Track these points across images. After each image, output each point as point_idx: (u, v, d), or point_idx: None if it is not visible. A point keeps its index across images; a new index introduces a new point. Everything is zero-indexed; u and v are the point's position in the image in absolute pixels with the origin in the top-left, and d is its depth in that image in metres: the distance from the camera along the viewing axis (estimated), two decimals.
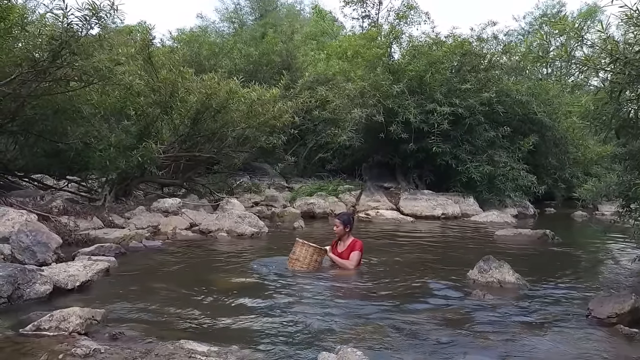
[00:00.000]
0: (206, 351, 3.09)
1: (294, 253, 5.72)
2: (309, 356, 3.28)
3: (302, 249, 5.69)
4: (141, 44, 9.88)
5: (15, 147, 10.06)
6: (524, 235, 9.24)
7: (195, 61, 14.62)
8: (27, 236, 5.46)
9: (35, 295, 4.19)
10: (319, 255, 5.76)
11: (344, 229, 5.88)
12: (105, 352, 3.03)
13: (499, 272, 5.45)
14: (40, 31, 7.34)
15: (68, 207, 8.15)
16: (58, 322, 3.37)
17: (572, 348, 3.62)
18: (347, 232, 5.95)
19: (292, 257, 5.72)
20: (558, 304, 4.76)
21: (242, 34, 24.32)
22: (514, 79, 15.13)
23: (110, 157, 8.39)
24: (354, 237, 6.00)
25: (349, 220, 5.99)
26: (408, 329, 3.89)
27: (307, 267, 5.66)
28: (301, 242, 5.73)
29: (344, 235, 5.95)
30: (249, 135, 11.41)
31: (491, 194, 13.51)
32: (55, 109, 8.50)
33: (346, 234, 5.95)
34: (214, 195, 11.36)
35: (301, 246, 5.70)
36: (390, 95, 13.20)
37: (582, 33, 5.00)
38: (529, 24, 27.94)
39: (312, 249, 5.69)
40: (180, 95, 9.70)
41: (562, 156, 15.35)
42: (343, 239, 5.96)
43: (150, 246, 7.08)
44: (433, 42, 14.45)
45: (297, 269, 5.65)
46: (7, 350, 3.07)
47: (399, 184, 14.76)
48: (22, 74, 7.28)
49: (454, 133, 13.23)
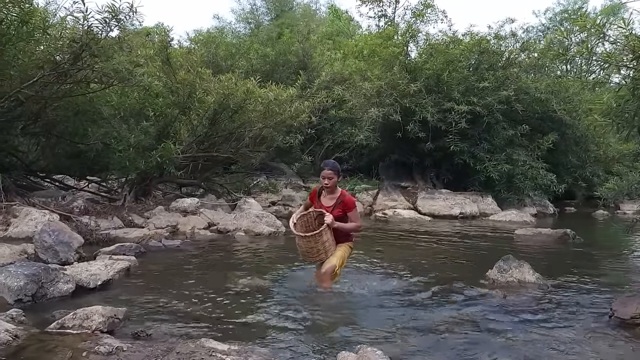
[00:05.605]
0: (227, 350, 3.11)
1: (300, 246, 4.75)
2: (329, 355, 3.28)
3: (303, 241, 4.66)
4: (160, 46, 9.99)
5: (37, 148, 10.23)
6: (544, 234, 9.13)
7: (213, 62, 14.72)
8: (50, 236, 5.56)
9: (59, 293, 4.27)
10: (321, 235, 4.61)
11: (337, 179, 4.84)
12: (127, 350, 3.06)
13: (519, 272, 5.40)
14: (61, 34, 7.47)
15: (89, 207, 8.28)
16: (81, 321, 3.42)
17: (594, 349, 3.57)
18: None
19: (303, 253, 4.78)
20: (580, 305, 4.70)
21: (259, 34, 24.44)
22: (532, 76, 14.93)
23: (130, 157, 8.48)
24: (339, 189, 4.94)
25: (339, 168, 4.91)
26: (428, 329, 3.88)
27: (325, 254, 4.69)
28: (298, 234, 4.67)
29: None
30: (266, 135, 11.48)
31: (510, 193, 13.36)
32: (76, 111, 8.61)
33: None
34: (231, 195, 11.43)
35: (300, 239, 4.67)
36: (407, 94, 13.13)
37: (604, 29, 4.92)
38: (550, 20, 27.53)
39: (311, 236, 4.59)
40: (198, 95, 9.78)
41: (583, 154, 15.11)
42: (328, 190, 4.88)
43: (170, 245, 7.15)
44: (450, 41, 14.32)
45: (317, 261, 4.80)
46: (32, 348, 3.13)
47: (416, 183, 14.68)
48: (44, 77, 7.40)
49: (471, 132, 13.12)
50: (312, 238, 4.58)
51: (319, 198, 4.96)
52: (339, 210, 4.77)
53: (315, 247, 4.63)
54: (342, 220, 4.77)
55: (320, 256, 4.69)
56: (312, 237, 4.57)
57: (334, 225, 4.64)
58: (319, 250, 4.65)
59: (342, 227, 4.75)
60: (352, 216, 4.82)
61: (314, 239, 4.58)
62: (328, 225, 4.59)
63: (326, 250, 4.66)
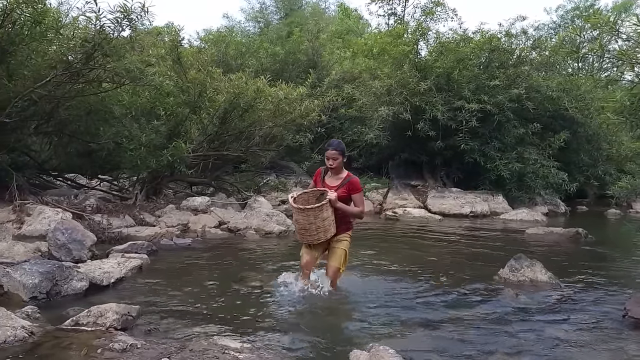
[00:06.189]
0: (239, 347, 3.13)
1: (298, 222, 4.47)
2: (341, 353, 3.29)
3: (301, 215, 4.37)
4: (170, 45, 10.04)
5: (50, 147, 10.33)
6: (556, 233, 9.07)
7: (223, 61, 14.75)
8: (63, 234, 5.61)
9: (73, 291, 4.31)
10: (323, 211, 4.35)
11: (342, 160, 4.59)
12: (141, 347, 3.09)
13: (530, 271, 5.37)
14: (74, 34, 7.52)
15: (101, 205, 8.35)
16: (95, 318, 3.46)
17: (608, 349, 3.55)
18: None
19: (300, 231, 4.50)
20: (593, 304, 4.67)
21: (268, 33, 24.46)
22: (544, 74, 14.81)
23: (141, 156, 8.54)
24: (346, 170, 4.70)
25: (344, 148, 4.66)
26: (440, 329, 3.87)
27: (323, 234, 4.41)
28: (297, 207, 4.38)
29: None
30: (276, 134, 11.51)
31: (521, 191, 13.29)
32: (88, 110, 8.68)
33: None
34: (241, 193, 11.46)
35: (299, 212, 4.39)
36: (417, 92, 13.09)
37: (616, 27, 4.88)
38: (561, 17, 27.26)
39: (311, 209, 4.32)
40: (208, 95, 9.82)
41: (595, 153, 14.98)
42: (334, 172, 4.64)
43: (181, 244, 7.19)
44: (460, 39, 14.25)
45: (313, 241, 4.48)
46: (47, 345, 3.16)
47: (426, 182, 14.63)
48: (57, 76, 7.47)
49: (482, 130, 13.05)
50: (311, 212, 4.28)
51: (323, 179, 4.70)
52: (345, 190, 4.52)
53: (315, 224, 4.32)
54: (346, 202, 4.53)
55: (318, 235, 4.38)
56: (312, 210, 4.28)
57: (337, 204, 4.38)
58: (318, 228, 4.34)
59: (344, 208, 4.48)
60: (356, 199, 4.56)
61: (313, 213, 4.29)
62: (330, 202, 4.34)
63: (325, 230, 4.37)
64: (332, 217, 4.39)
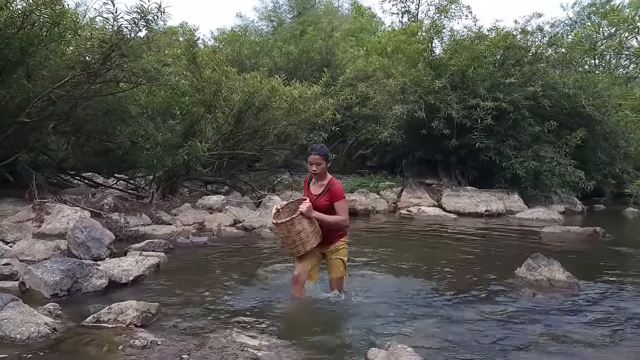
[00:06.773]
0: (257, 345, 3.16)
1: (279, 234, 4.38)
2: (359, 352, 3.30)
3: (279, 229, 4.27)
4: (186, 45, 10.12)
5: (67, 146, 10.48)
6: (573, 232, 8.96)
7: (237, 60, 14.84)
8: (82, 232, 5.69)
9: (93, 288, 4.38)
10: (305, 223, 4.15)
11: (326, 165, 4.30)
12: (161, 344, 3.13)
13: (548, 270, 5.32)
14: (91, 35, 7.62)
15: (118, 204, 8.44)
16: (116, 315, 3.52)
17: (628, 350, 3.51)
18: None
19: (282, 243, 4.39)
20: (611, 304, 4.62)
21: (282, 32, 24.51)
22: (560, 71, 14.64)
23: (157, 155, 8.61)
24: (330, 175, 4.40)
25: (327, 152, 4.40)
26: (458, 327, 3.86)
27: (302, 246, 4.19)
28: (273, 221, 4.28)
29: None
30: (290, 133, 11.54)
31: (537, 190, 13.14)
32: (105, 110, 8.77)
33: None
34: (256, 192, 11.51)
35: (276, 226, 4.27)
36: (431, 90, 13.02)
37: (636, 23, 4.83)
38: (577, 14, 26.92)
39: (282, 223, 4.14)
40: (223, 94, 9.89)
41: (612, 151, 14.77)
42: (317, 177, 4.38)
43: (197, 242, 7.25)
44: (475, 36, 14.15)
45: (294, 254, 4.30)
46: (69, 341, 3.22)
47: (440, 181, 14.54)
48: (75, 76, 7.57)
49: (497, 128, 12.94)
50: (283, 226, 4.12)
51: (308, 186, 4.50)
52: (326, 198, 4.26)
53: (290, 237, 4.14)
54: (329, 210, 4.27)
55: (297, 248, 4.18)
56: (284, 224, 4.10)
57: (311, 214, 4.13)
58: (295, 242, 4.15)
59: (321, 218, 4.21)
60: (338, 207, 4.26)
61: (286, 227, 4.11)
62: (302, 214, 4.09)
63: (303, 243, 4.15)
64: (310, 229, 4.17)
